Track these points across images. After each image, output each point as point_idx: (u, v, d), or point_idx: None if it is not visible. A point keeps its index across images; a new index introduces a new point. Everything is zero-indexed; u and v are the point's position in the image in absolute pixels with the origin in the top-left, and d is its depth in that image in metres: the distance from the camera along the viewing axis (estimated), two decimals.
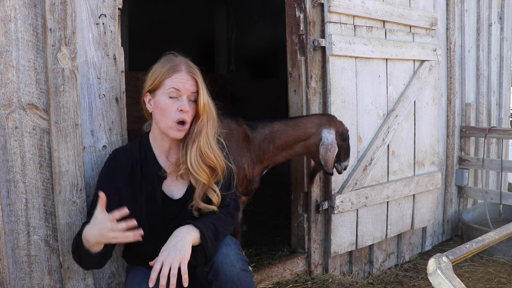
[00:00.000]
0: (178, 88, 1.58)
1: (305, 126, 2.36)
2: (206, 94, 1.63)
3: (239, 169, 2.29)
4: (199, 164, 1.62)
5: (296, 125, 2.37)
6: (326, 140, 2.30)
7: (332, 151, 2.30)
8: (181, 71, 1.60)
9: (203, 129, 1.63)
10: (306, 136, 2.35)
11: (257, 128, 2.38)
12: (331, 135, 2.31)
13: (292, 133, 2.35)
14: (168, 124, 1.60)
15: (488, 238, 1.76)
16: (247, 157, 2.32)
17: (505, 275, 3.06)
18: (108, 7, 1.84)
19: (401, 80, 3.09)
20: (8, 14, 1.60)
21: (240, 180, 2.32)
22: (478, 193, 3.83)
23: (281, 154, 2.39)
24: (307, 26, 2.67)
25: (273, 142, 2.35)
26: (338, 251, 2.82)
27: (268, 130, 2.36)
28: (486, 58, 4.07)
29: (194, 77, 1.61)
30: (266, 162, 2.40)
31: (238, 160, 2.29)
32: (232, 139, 2.31)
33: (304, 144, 2.36)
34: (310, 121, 2.39)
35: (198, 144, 1.62)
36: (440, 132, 3.60)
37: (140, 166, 1.67)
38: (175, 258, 1.41)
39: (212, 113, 1.66)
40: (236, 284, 1.53)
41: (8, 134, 1.63)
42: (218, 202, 1.66)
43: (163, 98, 1.60)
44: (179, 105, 1.58)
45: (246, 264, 1.60)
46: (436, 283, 1.49)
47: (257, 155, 2.35)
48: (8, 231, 1.64)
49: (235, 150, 2.29)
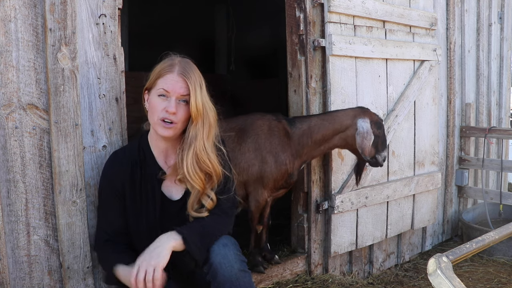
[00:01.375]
0: (166, 89, 1.58)
1: (341, 118, 2.46)
2: (201, 98, 1.60)
3: (281, 164, 2.42)
4: (195, 170, 1.61)
5: (332, 119, 2.47)
6: (362, 129, 2.40)
7: (368, 139, 2.40)
8: (173, 72, 1.59)
9: (199, 133, 1.61)
10: (343, 128, 2.44)
11: (295, 123, 2.49)
12: (366, 123, 2.40)
13: (329, 126, 2.45)
14: (155, 120, 1.61)
15: (488, 238, 1.76)
16: (288, 152, 2.43)
17: (505, 275, 3.06)
18: (108, 7, 1.84)
19: (401, 80, 3.09)
20: (8, 14, 1.60)
21: (281, 175, 2.43)
22: (478, 193, 3.83)
23: (319, 148, 2.49)
24: (307, 26, 2.66)
25: (311, 137, 2.45)
26: (338, 251, 2.82)
27: (306, 125, 2.46)
28: (486, 58, 4.07)
29: (185, 80, 1.58)
30: (304, 156, 2.50)
31: (280, 155, 2.41)
32: (274, 135, 2.43)
33: (341, 136, 2.46)
34: (345, 113, 2.48)
35: (194, 149, 1.61)
36: (440, 132, 3.60)
37: (140, 167, 1.68)
38: (149, 263, 1.45)
39: (209, 118, 1.63)
40: (235, 284, 1.53)
41: (8, 134, 1.63)
42: (211, 207, 1.66)
43: (154, 97, 1.61)
44: (166, 105, 1.58)
45: (244, 264, 1.60)
46: (436, 283, 1.49)
47: (296, 150, 2.46)
48: (8, 231, 1.64)
49: (278, 146, 2.42)
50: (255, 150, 2.40)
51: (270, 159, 2.39)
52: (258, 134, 2.42)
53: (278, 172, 2.41)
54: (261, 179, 2.41)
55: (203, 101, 1.60)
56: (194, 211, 1.64)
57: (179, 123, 1.61)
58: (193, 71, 1.62)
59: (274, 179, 2.42)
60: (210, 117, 1.64)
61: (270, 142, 2.41)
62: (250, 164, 2.38)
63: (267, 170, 2.39)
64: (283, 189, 2.56)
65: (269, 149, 2.40)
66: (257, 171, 2.40)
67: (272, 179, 2.42)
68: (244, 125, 2.46)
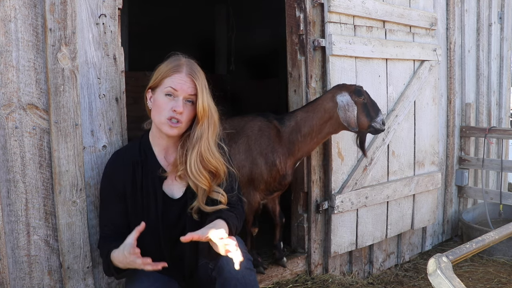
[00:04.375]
0: (175, 88, 1.59)
1: (323, 104, 2.39)
2: (206, 98, 1.62)
3: (272, 165, 2.38)
4: (199, 169, 1.63)
5: (314, 108, 2.41)
6: (341, 102, 2.33)
7: (350, 111, 2.32)
8: (181, 72, 1.60)
9: (204, 134, 1.63)
10: (328, 114, 2.37)
11: (284, 121, 2.44)
12: (344, 97, 2.34)
13: (314, 116, 2.39)
14: (161, 119, 1.62)
15: (488, 238, 1.76)
16: (279, 152, 2.39)
17: (505, 275, 3.06)
18: (108, 7, 1.84)
19: (401, 80, 3.09)
20: (8, 14, 1.60)
21: (272, 177, 2.40)
22: (478, 193, 3.83)
23: (312, 141, 2.43)
24: (307, 26, 2.67)
25: (300, 132, 2.40)
26: (338, 251, 2.82)
27: (294, 121, 2.42)
28: (486, 58, 4.07)
29: (193, 80, 1.61)
30: (298, 153, 2.45)
31: (270, 156, 2.38)
32: (264, 136, 2.39)
33: (331, 122, 2.37)
34: (325, 98, 2.42)
35: (199, 149, 1.62)
36: (440, 132, 3.60)
37: (141, 166, 1.68)
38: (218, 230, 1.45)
39: (214, 119, 1.66)
40: (241, 282, 1.53)
41: (8, 134, 1.63)
42: (225, 201, 1.67)
43: (161, 96, 1.62)
44: (173, 105, 1.59)
45: (250, 262, 1.61)
46: (436, 283, 1.49)
47: (288, 148, 2.41)
48: (8, 231, 1.65)
49: (268, 147, 2.38)
50: (245, 151, 2.38)
51: (260, 161, 2.37)
52: (248, 136, 2.40)
53: (268, 174, 2.39)
54: (252, 181, 2.40)
55: (208, 101, 1.63)
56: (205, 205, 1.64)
57: (184, 123, 1.62)
58: (200, 72, 1.64)
59: (265, 181, 2.40)
60: (215, 117, 1.66)
61: (260, 143, 2.38)
62: (241, 165, 2.36)
63: (257, 171, 2.37)
64: (278, 191, 2.53)
65: (259, 151, 2.38)
66: (248, 173, 2.38)
67: (263, 181, 2.40)
68: (237, 127, 2.44)
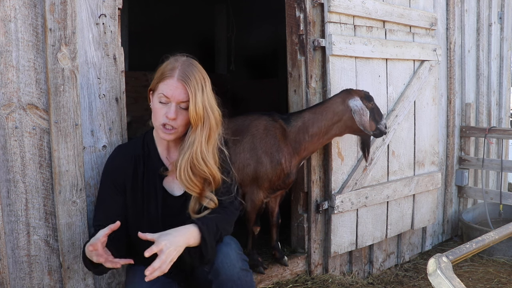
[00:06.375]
0: (166, 95, 1.57)
1: (332, 107, 2.44)
2: (201, 101, 1.56)
3: (277, 164, 2.40)
4: (189, 176, 1.59)
5: (323, 110, 2.46)
6: (356, 107, 2.40)
7: (365, 115, 2.42)
8: (172, 78, 1.56)
9: (197, 139, 1.59)
10: (338, 117, 2.43)
11: (290, 121, 2.48)
12: (358, 101, 2.41)
13: (322, 118, 2.44)
14: (156, 125, 1.62)
15: (488, 238, 1.76)
16: (284, 152, 2.42)
17: (505, 275, 3.05)
18: (108, 7, 1.84)
19: (401, 80, 3.09)
20: (8, 14, 1.60)
21: (277, 175, 2.42)
22: (478, 193, 3.83)
23: (318, 141, 2.48)
24: (307, 26, 2.66)
25: (307, 132, 2.44)
26: (338, 251, 2.82)
27: (301, 121, 2.46)
28: (486, 58, 4.07)
29: (185, 86, 1.55)
30: (304, 153, 2.49)
31: (275, 155, 2.40)
32: (270, 135, 2.42)
33: (339, 124, 2.45)
34: (334, 101, 2.47)
35: (190, 155, 1.59)
36: (440, 132, 3.60)
37: (143, 162, 1.69)
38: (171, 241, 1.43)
39: (210, 121, 1.60)
40: (237, 283, 1.53)
41: (8, 134, 1.63)
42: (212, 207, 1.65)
43: (156, 101, 1.61)
44: (166, 111, 1.58)
45: (246, 263, 1.61)
46: (436, 283, 1.49)
47: (293, 147, 2.45)
48: (8, 231, 1.65)
49: (273, 146, 2.41)
50: (250, 150, 2.40)
51: (265, 159, 2.39)
52: (253, 134, 2.42)
53: (273, 172, 2.40)
54: (256, 179, 2.41)
55: (204, 104, 1.57)
56: (195, 213, 1.63)
57: (180, 128, 1.61)
58: (194, 75, 1.57)
59: (269, 180, 2.42)
60: (211, 120, 1.60)
61: (265, 142, 2.40)
62: (245, 164, 2.39)
63: (262, 170, 2.39)
64: (281, 189, 2.56)
65: (264, 149, 2.40)
66: (252, 171, 2.40)
67: (268, 179, 2.41)
68: (241, 126, 2.46)
